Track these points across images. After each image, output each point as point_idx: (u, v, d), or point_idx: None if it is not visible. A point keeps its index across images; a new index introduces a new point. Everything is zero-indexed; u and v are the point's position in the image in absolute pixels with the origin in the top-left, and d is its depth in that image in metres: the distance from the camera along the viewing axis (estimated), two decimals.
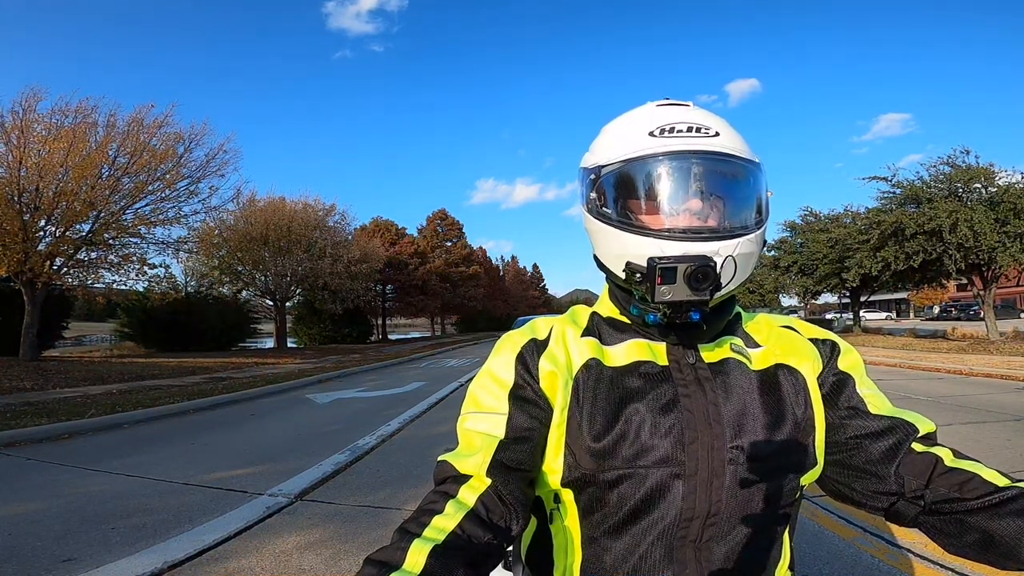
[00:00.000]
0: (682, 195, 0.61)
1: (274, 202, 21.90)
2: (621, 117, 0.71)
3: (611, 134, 0.69)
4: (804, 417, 0.65)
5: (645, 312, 0.64)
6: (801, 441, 0.64)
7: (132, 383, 9.76)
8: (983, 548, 0.57)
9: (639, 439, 0.61)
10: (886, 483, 0.63)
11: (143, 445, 5.26)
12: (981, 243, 13.00)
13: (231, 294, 23.06)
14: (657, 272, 0.57)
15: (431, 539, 0.53)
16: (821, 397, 0.68)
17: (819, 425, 0.66)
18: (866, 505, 0.65)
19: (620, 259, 0.64)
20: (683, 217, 0.61)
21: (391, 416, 6.62)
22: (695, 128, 0.62)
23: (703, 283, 0.57)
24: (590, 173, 0.68)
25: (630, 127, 0.66)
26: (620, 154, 0.64)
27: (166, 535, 2.94)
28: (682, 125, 0.62)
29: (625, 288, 0.69)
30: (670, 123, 0.63)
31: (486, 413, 0.65)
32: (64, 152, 11.70)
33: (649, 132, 0.63)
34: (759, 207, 0.65)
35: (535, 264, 73.58)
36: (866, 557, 2.56)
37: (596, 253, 0.70)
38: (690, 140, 0.61)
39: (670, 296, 0.57)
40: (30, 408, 6.71)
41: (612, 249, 0.65)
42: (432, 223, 40.73)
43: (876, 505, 0.64)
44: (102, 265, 14.00)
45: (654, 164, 0.62)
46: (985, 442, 4.60)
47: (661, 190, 0.62)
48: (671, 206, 0.61)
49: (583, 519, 0.64)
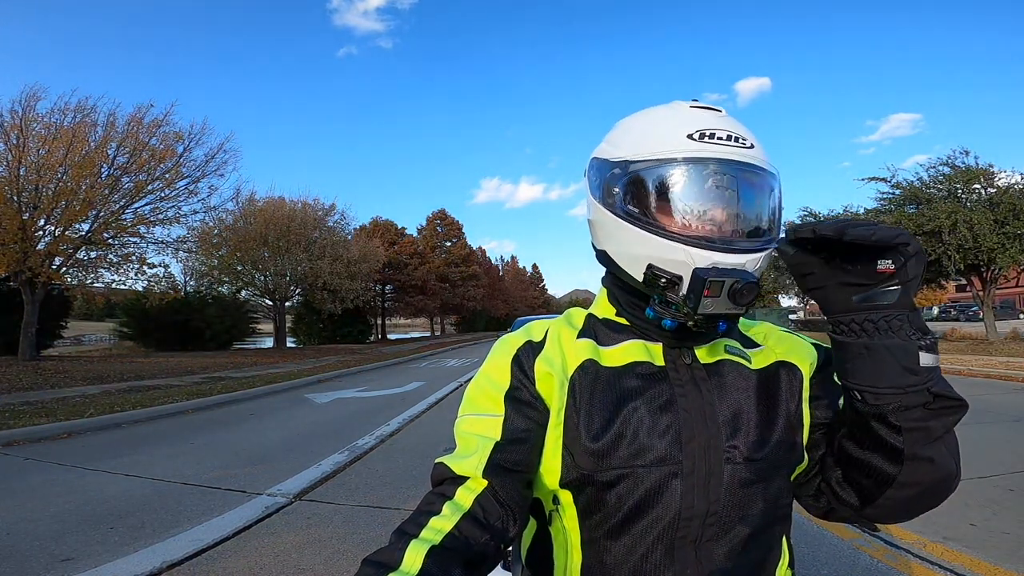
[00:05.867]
0: (718, 204, 0.60)
1: (273, 202, 21.91)
2: (648, 112, 0.68)
3: (639, 129, 0.65)
4: (796, 413, 0.66)
5: (663, 316, 0.62)
6: (794, 438, 0.66)
7: (131, 383, 9.76)
8: None
9: (637, 439, 0.61)
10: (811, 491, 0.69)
11: (142, 445, 5.25)
12: (980, 244, 13.01)
13: (230, 294, 23.05)
14: (706, 285, 0.56)
15: (428, 540, 0.53)
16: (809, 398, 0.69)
17: (806, 423, 0.67)
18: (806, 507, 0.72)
19: (640, 260, 0.62)
20: (715, 226, 0.60)
21: (390, 416, 6.62)
22: (734, 137, 0.61)
23: (745, 298, 0.57)
24: (613, 166, 0.64)
25: (664, 125, 0.63)
26: (653, 152, 0.61)
27: (165, 535, 2.94)
28: (722, 132, 0.61)
29: (631, 289, 0.67)
30: (709, 128, 0.61)
31: (482, 415, 0.65)
32: (63, 151, 11.71)
33: (688, 134, 0.60)
34: (778, 220, 0.66)
35: (535, 264, 73.77)
36: (865, 558, 2.56)
37: (606, 248, 0.67)
38: (730, 149, 0.60)
39: (711, 309, 0.57)
40: (29, 407, 6.70)
41: (632, 249, 0.63)
42: (432, 223, 40.75)
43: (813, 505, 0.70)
44: (101, 264, 14.01)
45: (693, 168, 0.60)
46: (985, 442, 4.61)
47: (697, 196, 0.60)
48: (706, 214, 0.60)
49: (582, 520, 0.64)
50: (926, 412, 0.54)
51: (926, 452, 0.56)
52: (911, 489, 0.58)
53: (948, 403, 0.54)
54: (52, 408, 6.69)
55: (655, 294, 0.62)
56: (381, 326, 36.28)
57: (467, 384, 0.71)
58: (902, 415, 0.54)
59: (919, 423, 0.54)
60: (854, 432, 0.60)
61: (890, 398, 0.54)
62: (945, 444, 0.56)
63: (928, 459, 0.56)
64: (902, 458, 0.56)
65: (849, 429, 0.61)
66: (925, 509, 0.61)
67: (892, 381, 0.53)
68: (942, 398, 0.54)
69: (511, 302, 53.02)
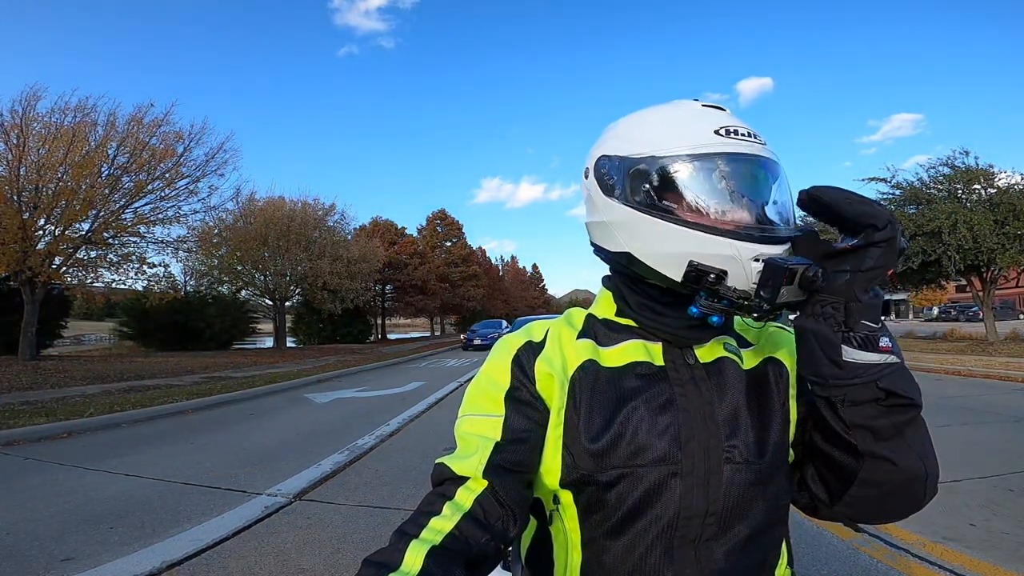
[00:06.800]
0: (757, 197, 0.61)
1: (274, 201, 21.91)
2: (660, 110, 0.66)
3: (659, 124, 0.64)
4: (785, 410, 0.67)
5: (711, 312, 0.61)
6: (787, 436, 0.66)
7: (131, 382, 9.76)
8: None
9: (636, 438, 0.62)
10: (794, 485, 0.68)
11: (142, 444, 5.25)
12: (980, 244, 13.01)
13: (230, 294, 23.06)
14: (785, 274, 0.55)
15: (428, 541, 0.53)
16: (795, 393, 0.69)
17: (792, 419, 0.67)
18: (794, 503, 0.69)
19: (678, 258, 0.59)
20: (754, 218, 0.61)
21: (390, 416, 6.62)
22: (752, 134, 0.61)
23: (815, 283, 0.55)
24: (636, 162, 0.62)
25: (686, 121, 0.63)
26: (684, 147, 0.60)
27: (164, 534, 2.94)
28: (743, 129, 0.61)
29: (644, 291, 0.67)
30: (731, 125, 0.61)
31: (483, 415, 0.66)
32: (63, 151, 11.71)
33: (714, 130, 0.60)
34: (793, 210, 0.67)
35: (535, 264, 73.68)
36: (864, 557, 2.56)
37: (629, 250, 0.64)
38: (755, 145, 0.60)
39: (787, 297, 0.56)
40: (28, 407, 6.70)
41: (669, 247, 0.60)
42: (432, 223, 40.72)
43: (798, 501, 0.68)
44: (101, 264, 14.00)
45: (731, 163, 0.60)
46: (984, 443, 4.61)
47: (736, 190, 0.60)
48: (745, 207, 0.60)
49: (582, 519, 0.64)
50: (878, 408, 0.53)
51: (882, 451, 0.54)
52: (873, 488, 0.57)
53: (899, 400, 0.53)
54: (52, 408, 6.69)
55: (702, 290, 0.61)
56: (381, 326, 36.28)
57: (467, 384, 0.71)
58: (850, 410, 0.54)
59: (867, 421, 0.53)
60: (818, 423, 0.60)
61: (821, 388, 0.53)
62: (909, 443, 0.55)
63: (887, 459, 0.54)
64: (859, 454, 0.55)
65: (814, 420, 0.61)
66: (900, 510, 0.60)
67: (816, 371, 0.53)
68: (894, 395, 0.52)
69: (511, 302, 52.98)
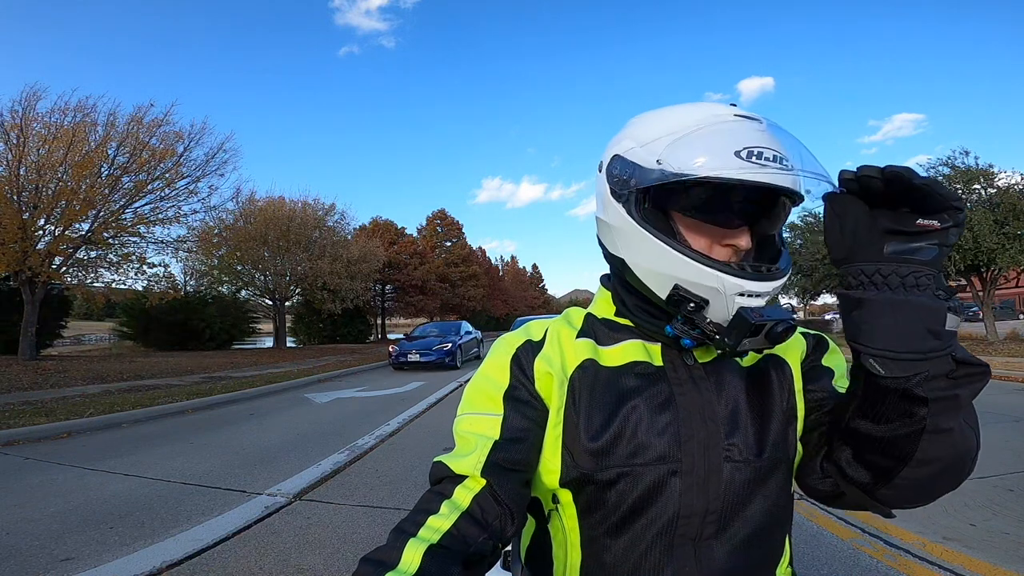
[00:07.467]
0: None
1: (273, 201, 21.90)
2: (684, 113, 0.62)
3: (678, 133, 0.59)
4: (789, 407, 0.66)
5: (684, 336, 0.62)
6: (789, 434, 0.66)
7: (131, 382, 9.75)
8: None
9: (636, 437, 0.62)
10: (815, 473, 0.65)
11: (142, 444, 5.25)
12: (980, 245, 13.00)
13: (230, 293, 23.05)
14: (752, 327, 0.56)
15: (426, 539, 0.54)
16: (802, 387, 0.69)
17: (800, 415, 0.67)
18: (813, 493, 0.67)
19: (665, 279, 0.60)
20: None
21: (390, 416, 6.62)
22: (779, 159, 0.56)
23: (783, 339, 0.57)
24: (647, 173, 0.59)
25: (707, 134, 0.58)
26: (694, 166, 0.56)
27: (164, 534, 2.94)
28: (769, 152, 0.55)
29: (642, 296, 0.66)
30: (758, 146, 0.55)
31: (481, 414, 0.66)
32: (63, 151, 11.71)
33: (735, 151, 0.55)
34: None
35: (534, 264, 73.60)
36: (864, 557, 2.56)
37: (623, 257, 0.64)
38: (776, 175, 0.55)
39: (748, 347, 0.58)
40: (28, 407, 6.70)
41: (657, 266, 0.60)
42: (432, 223, 40.73)
43: (819, 489, 0.66)
44: (101, 264, 14.02)
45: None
46: (984, 443, 4.54)
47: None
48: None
49: (582, 519, 0.64)
50: (949, 381, 0.50)
51: (947, 424, 0.51)
52: (930, 467, 0.54)
53: (972, 369, 0.50)
54: (52, 408, 6.69)
55: (680, 314, 0.61)
56: (381, 326, 36.26)
57: (467, 384, 0.71)
58: (927, 385, 0.50)
59: (945, 392, 0.50)
60: (867, 407, 0.55)
61: (910, 366, 0.49)
62: (965, 417, 0.53)
63: (948, 431, 0.52)
64: (923, 433, 0.52)
65: (860, 405, 0.56)
66: (944, 490, 0.57)
67: (912, 345, 0.49)
68: (965, 364, 0.50)
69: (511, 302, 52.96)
